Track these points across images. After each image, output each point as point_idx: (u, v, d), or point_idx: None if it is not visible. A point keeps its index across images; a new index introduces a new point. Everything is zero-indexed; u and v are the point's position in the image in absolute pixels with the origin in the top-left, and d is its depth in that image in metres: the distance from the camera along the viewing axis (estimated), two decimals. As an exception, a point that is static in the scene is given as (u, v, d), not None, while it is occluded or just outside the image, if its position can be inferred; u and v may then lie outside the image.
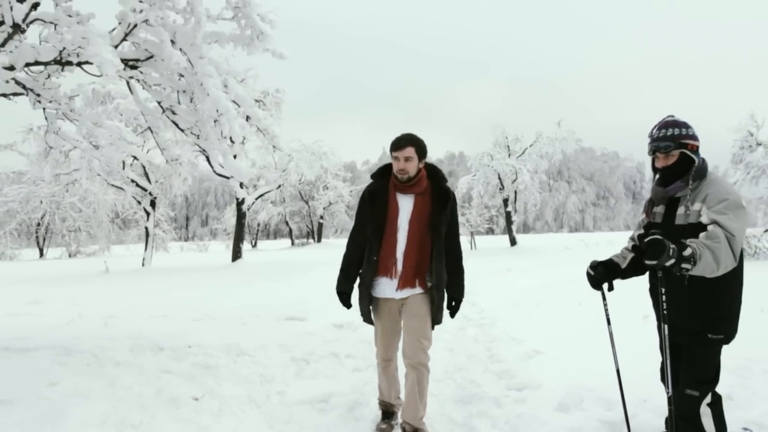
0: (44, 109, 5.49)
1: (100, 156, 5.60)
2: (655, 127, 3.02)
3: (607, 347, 3.48)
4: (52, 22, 4.63)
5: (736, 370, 4.75)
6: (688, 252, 2.51)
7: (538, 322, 6.89)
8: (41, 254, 34.29)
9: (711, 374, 2.89)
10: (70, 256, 33.31)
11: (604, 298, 3.35)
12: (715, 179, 2.89)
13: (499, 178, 28.76)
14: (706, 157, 2.98)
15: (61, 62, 4.81)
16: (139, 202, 18.95)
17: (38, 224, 32.21)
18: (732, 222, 2.66)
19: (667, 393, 2.85)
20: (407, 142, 3.53)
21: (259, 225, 41.16)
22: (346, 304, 3.81)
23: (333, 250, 26.43)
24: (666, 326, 2.85)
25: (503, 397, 4.38)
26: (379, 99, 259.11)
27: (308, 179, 29.84)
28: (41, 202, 28.99)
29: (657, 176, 3.05)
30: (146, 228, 19.10)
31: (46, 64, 4.79)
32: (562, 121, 28.60)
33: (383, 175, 3.73)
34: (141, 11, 5.00)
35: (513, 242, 29.42)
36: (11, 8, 4.16)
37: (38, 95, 5.02)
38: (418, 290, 3.62)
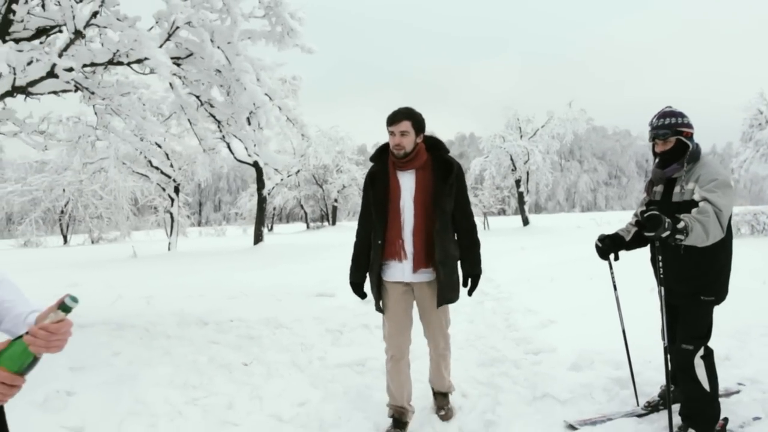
0: (93, 105, 6.00)
1: (145, 147, 6.09)
2: (654, 116, 3.44)
3: (616, 318, 3.95)
4: (105, 26, 5.10)
5: (734, 334, 5.21)
6: (681, 225, 2.95)
7: (551, 295, 7.35)
8: (65, 241, 35.21)
9: (704, 331, 3.33)
10: (92, 242, 34.19)
11: (611, 267, 3.81)
12: (707, 162, 3.32)
13: (511, 159, 29.09)
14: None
15: (114, 62, 5.29)
16: (164, 189, 19.54)
17: (62, 212, 33.07)
18: (720, 199, 3.09)
19: (664, 344, 3.30)
20: (403, 115, 3.36)
21: (274, 209, 41.82)
22: (360, 294, 3.69)
23: (348, 232, 26.91)
24: (663, 288, 3.30)
25: (521, 360, 4.87)
26: (392, 80, 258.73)
27: (325, 164, 30.32)
28: (64, 190, 29.72)
29: (656, 159, 3.48)
30: (170, 213, 19.71)
31: (100, 64, 5.27)
32: (573, 101, 28.85)
33: (381, 155, 3.56)
34: (182, 13, 5.45)
35: (525, 222, 29.81)
36: (74, 17, 4.63)
37: (92, 93, 5.51)
38: (431, 275, 3.47)
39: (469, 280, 3.58)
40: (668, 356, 3.29)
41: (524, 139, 29.15)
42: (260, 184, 17.90)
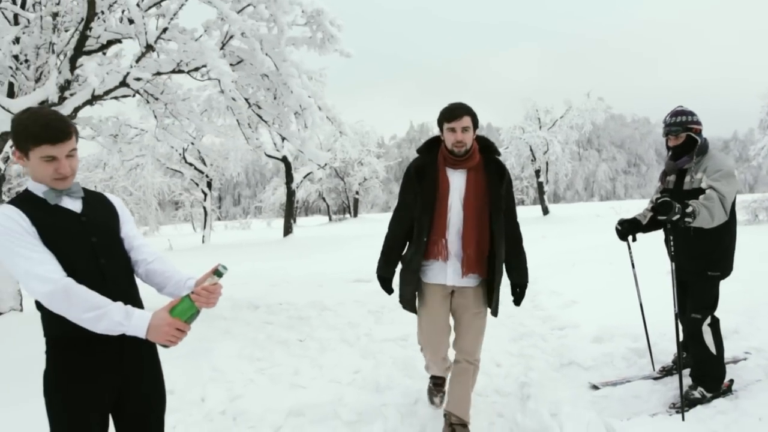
0: (153, 109, 6.61)
1: (207, 148, 6.70)
2: (668, 115, 3.95)
3: (634, 297, 4.45)
4: (170, 39, 5.69)
5: (744, 311, 5.67)
6: (689, 209, 3.46)
7: (574, 278, 7.86)
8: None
9: (710, 302, 3.82)
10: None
11: (629, 248, 4.32)
12: (714, 155, 3.81)
13: (531, 150, 29.44)
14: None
15: (176, 71, 5.88)
16: (197, 184, 20.30)
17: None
18: (724, 187, 3.59)
19: (675, 311, 3.80)
20: (464, 110, 3.18)
21: (297, 202, 42.63)
22: (388, 289, 3.56)
23: (370, 223, 27.60)
24: (674, 264, 3.81)
25: (548, 334, 5.40)
26: (407, 72, 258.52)
27: (352, 158, 30.97)
28: (95, 186, 30.64)
29: (669, 153, 3.99)
30: (204, 207, 20.47)
31: (165, 73, 5.86)
32: (591, 91, 29.09)
33: (430, 149, 3.39)
34: (235, 24, 6.01)
35: (545, 211, 30.17)
36: (146, 33, 5.21)
37: (156, 98, 6.10)
38: (475, 281, 3.31)
39: (518, 290, 3.46)
40: (678, 323, 3.80)
41: (543, 129, 29.47)
42: (289, 178, 18.56)
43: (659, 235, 4.19)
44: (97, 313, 1.92)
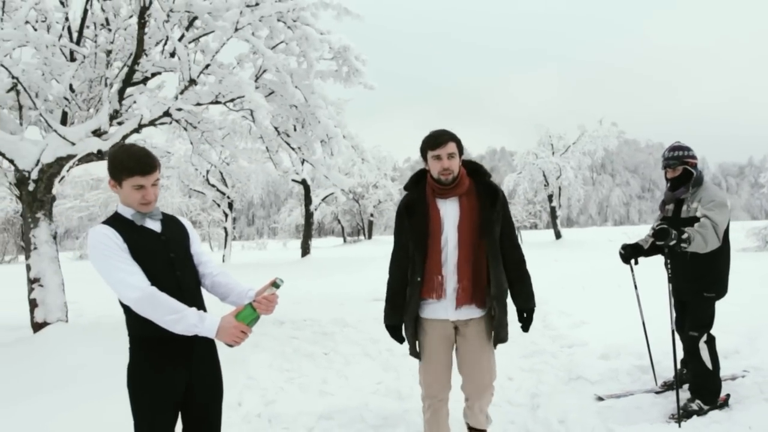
0: (190, 137, 7.11)
1: (231, 171, 7.17)
2: (666, 150, 4.35)
3: (639, 317, 4.79)
4: (209, 74, 6.20)
5: (745, 333, 5.98)
6: (685, 235, 3.84)
7: (583, 300, 8.20)
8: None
9: (707, 320, 4.17)
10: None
11: (632, 270, 4.69)
12: (708, 186, 4.20)
13: (544, 176, 29.82)
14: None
15: (214, 102, 6.38)
16: (218, 205, 20.89)
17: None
18: (717, 216, 3.97)
19: (672, 328, 4.15)
20: (448, 136, 3.01)
21: (312, 223, 43.26)
22: (398, 338, 3.33)
23: (384, 246, 27.91)
24: (671, 285, 4.17)
25: (558, 351, 5.76)
26: (426, 94, 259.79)
27: (369, 182, 31.56)
28: (117, 205, 31.17)
29: (668, 184, 4.38)
30: (225, 228, 21.04)
31: (204, 104, 6.36)
32: (604, 118, 29.54)
33: (417, 183, 3.24)
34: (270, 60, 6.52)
35: (558, 236, 30.45)
36: (190, 68, 5.72)
37: (195, 126, 6.60)
38: (478, 311, 3.09)
39: (525, 315, 3.22)
40: (674, 339, 4.15)
41: (556, 155, 29.90)
42: (308, 200, 19.06)
43: (661, 259, 4.57)
44: (177, 317, 2.34)
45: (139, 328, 2.44)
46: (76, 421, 4.07)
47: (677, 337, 4.24)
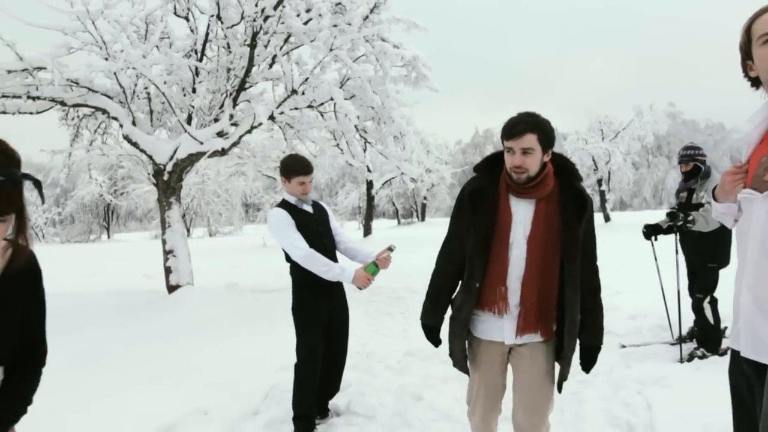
0: (285, 133, 8.52)
1: (318, 162, 8.58)
2: (681, 149, 5.46)
3: (668, 289, 5.85)
4: (306, 85, 7.56)
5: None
6: (690, 217, 4.97)
7: (621, 275, 9.31)
8: (188, 233, 39.78)
9: (710, 285, 5.28)
10: (210, 235, 38.40)
11: (652, 245, 5.81)
12: (715, 177, 5.28)
13: (593, 160, 30.38)
14: None
15: (309, 107, 7.74)
16: (288, 189, 22.54)
17: (186, 208, 37.43)
18: (718, 202, 5.08)
19: (677, 288, 5.29)
20: (526, 126, 2.43)
21: (374, 206, 44.99)
22: (435, 341, 2.87)
23: (438, 228, 29.13)
24: (678, 257, 5.31)
25: (594, 314, 6.91)
26: (489, 72, 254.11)
27: (426, 168, 32.86)
28: (189, 189, 33.74)
29: (682, 176, 5.49)
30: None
31: (299, 109, 7.73)
32: (655, 103, 29.79)
33: (491, 169, 2.67)
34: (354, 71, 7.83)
35: (607, 219, 31.02)
36: (292, 81, 7.08)
37: (291, 126, 8.00)
38: (539, 337, 2.58)
39: (588, 353, 2.68)
40: (679, 297, 5.29)
41: (606, 141, 30.38)
42: (369, 185, 20.48)
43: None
44: (327, 268, 3.68)
45: (301, 275, 3.79)
46: (215, 355, 5.52)
47: (683, 297, 5.39)
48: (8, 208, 1.39)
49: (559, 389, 2.68)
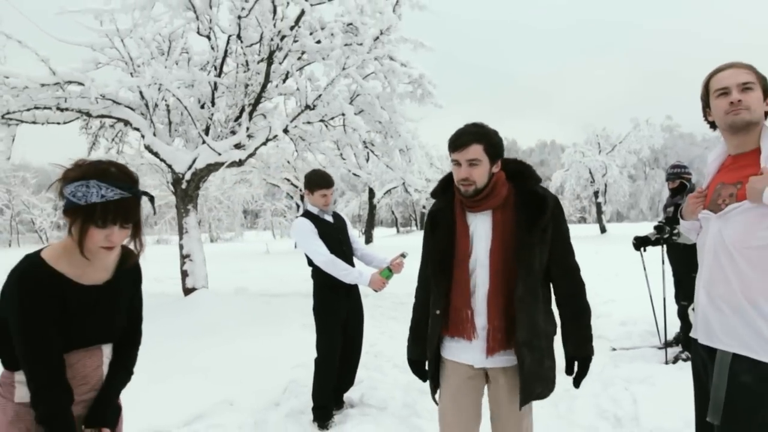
0: (296, 145, 8.97)
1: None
2: (668, 167, 5.91)
3: (657, 297, 6.27)
4: (318, 100, 8.00)
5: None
6: (676, 231, 5.41)
7: (614, 284, 9.73)
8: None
9: (694, 293, 5.71)
10: (212, 240, 38.82)
11: (641, 256, 6.24)
12: None
13: (590, 173, 30.93)
14: None
15: (320, 121, 8.18)
16: (292, 197, 23.02)
17: (188, 213, 37.77)
18: (702, 217, 5.53)
19: (663, 296, 5.72)
20: (472, 137, 2.34)
21: (375, 214, 45.55)
22: (422, 375, 2.68)
23: (436, 236, 29.66)
24: (664, 266, 5.75)
25: (587, 320, 7.34)
26: (492, 83, 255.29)
27: (427, 178, 33.43)
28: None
29: (670, 192, 5.93)
30: (297, 217, 23.18)
31: (311, 123, 8.18)
32: (650, 118, 30.42)
33: (446, 189, 2.59)
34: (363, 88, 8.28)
35: (603, 230, 31.53)
36: (306, 96, 7.52)
37: (303, 139, 8.44)
38: (513, 356, 2.36)
39: (576, 365, 2.48)
40: (665, 304, 5.72)
41: (602, 154, 30.95)
42: (371, 194, 20.94)
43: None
44: (346, 272, 4.10)
45: (322, 278, 4.20)
46: (234, 353, 5.93)
47: (668, 305, 5.81)
48: (133, 218, 1.81)
49: (521, 403, 2.36)
